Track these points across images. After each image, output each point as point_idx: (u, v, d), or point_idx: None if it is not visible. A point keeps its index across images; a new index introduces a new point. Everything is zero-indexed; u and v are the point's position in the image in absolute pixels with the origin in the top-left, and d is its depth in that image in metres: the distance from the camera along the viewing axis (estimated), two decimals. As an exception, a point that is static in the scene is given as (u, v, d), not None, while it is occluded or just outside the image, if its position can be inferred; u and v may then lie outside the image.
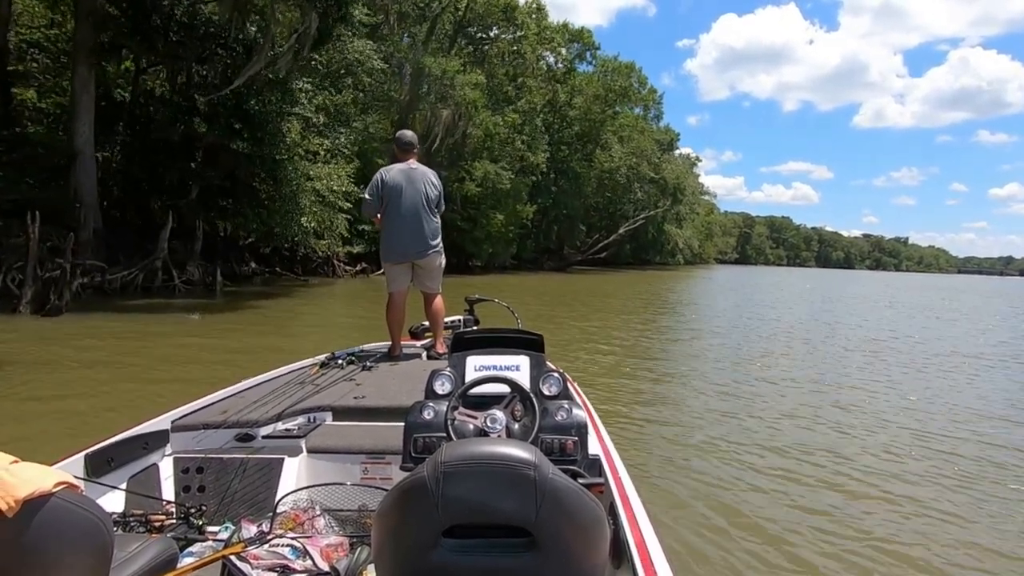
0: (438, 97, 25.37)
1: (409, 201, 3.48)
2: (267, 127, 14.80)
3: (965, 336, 12.86)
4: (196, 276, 14.03)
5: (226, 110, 13.69)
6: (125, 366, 6.20)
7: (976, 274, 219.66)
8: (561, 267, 38.73)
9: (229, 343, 7.80)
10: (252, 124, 14.19)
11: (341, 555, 1.53)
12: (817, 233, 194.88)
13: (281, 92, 14.68)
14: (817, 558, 2.85)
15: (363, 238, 22.47)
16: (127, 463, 1.98)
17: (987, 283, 74.99)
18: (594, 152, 40.63)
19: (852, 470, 4.06)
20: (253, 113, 13.81)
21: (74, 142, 12.42)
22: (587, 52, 38.68)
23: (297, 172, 15.71)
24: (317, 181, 16.53)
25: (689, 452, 4.26)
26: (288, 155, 15.52)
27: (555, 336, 8.87)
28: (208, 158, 14.98)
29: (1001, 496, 3.73)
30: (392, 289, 3.64)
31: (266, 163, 14.88)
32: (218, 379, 3.34)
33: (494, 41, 30.19)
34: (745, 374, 7.31)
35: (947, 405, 6.09)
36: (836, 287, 37.57)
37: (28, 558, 0.85)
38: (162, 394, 4.86)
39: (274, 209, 15.56)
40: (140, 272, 12.33)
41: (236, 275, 16.55)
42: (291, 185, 15.61)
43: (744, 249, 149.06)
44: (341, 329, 9.65)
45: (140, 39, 12.85)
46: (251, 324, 9.42)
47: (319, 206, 16.61)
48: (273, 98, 14.53)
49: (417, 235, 3.51)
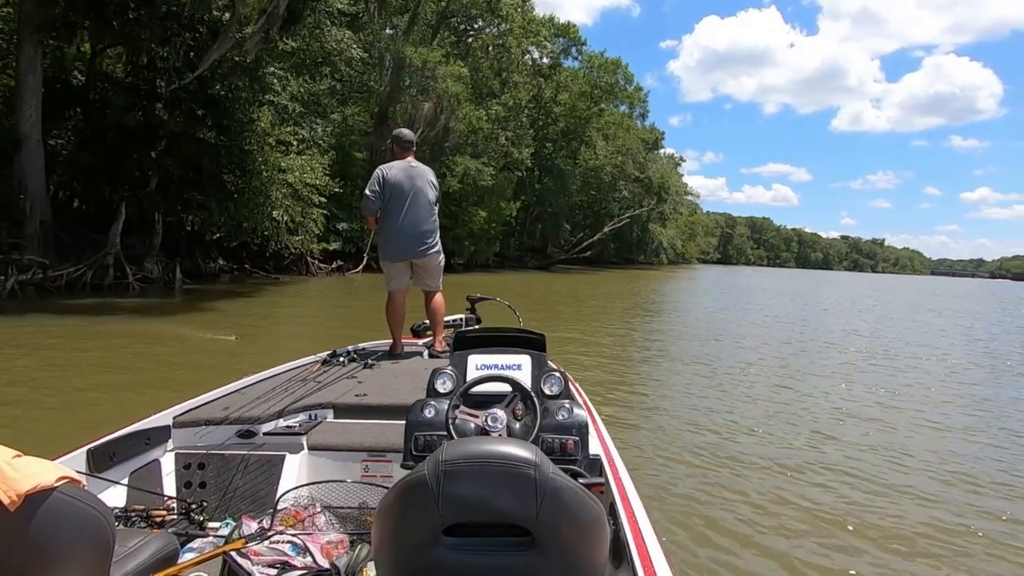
0: (420, 89, 24.54)
1: (410, 200, 3.45)
2: (234, 115, 13.90)
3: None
4: (155, 273, 13.07)
5: (189, 95, 12.75)
6: (42, 383, 5.36)
7: (949, 275, 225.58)
8: (545, 266, 38.22)
9: (170, 355, 6.71)
10: (218, 111, 13.27)
11: (341, 552, 1.54)
12: (797, 234, 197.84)
13: (250, 78, 13.78)
14: (817, 557, 2.83)
15: (340, 235, 21.57)
16: (129, 458, 1.97)
17: (985, 286, 76.76)
18: (579, 150, 40.13)
19: (850, 468, 4.06)
20: (219, 99, 12.90)
21: (19, 127, 11.43)
22: (573, 47, 38.11)
23: (268, 163, 14.82)
24: (289, 173, 15.65)
25: (689, 453, 4.23)
26: (258, 145, 14.62)
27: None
28: (171, 147, 14.01)
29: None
30: (392, 288, 3.62)
31: (233, 153, 13.97)
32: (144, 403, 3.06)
33: (478, 33, 29.38)
34: (744, 376, 7.17)
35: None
36: (823, 290, 37.52)
37: (30, 552, 0.85)
38: (70, 422, 4.08)
39: (242, 202, 14.65)
40: (89, 269, 11.33)
41: (201, 272, 15.60)
42: (261, 177, 14.73)
43: (726, 249, 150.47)
44: (308, 337, 8.65)
45: (93, 16, 11.84)
46: (206, 327, 8.57)
47: (292, 200, 15.74)
48: (241, 84, 13.61)
49: (417, 234, 3.48)
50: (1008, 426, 5.48)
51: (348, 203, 23.23)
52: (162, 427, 2.13)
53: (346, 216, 22.04)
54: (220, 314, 9.94)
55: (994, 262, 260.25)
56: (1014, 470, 4.24)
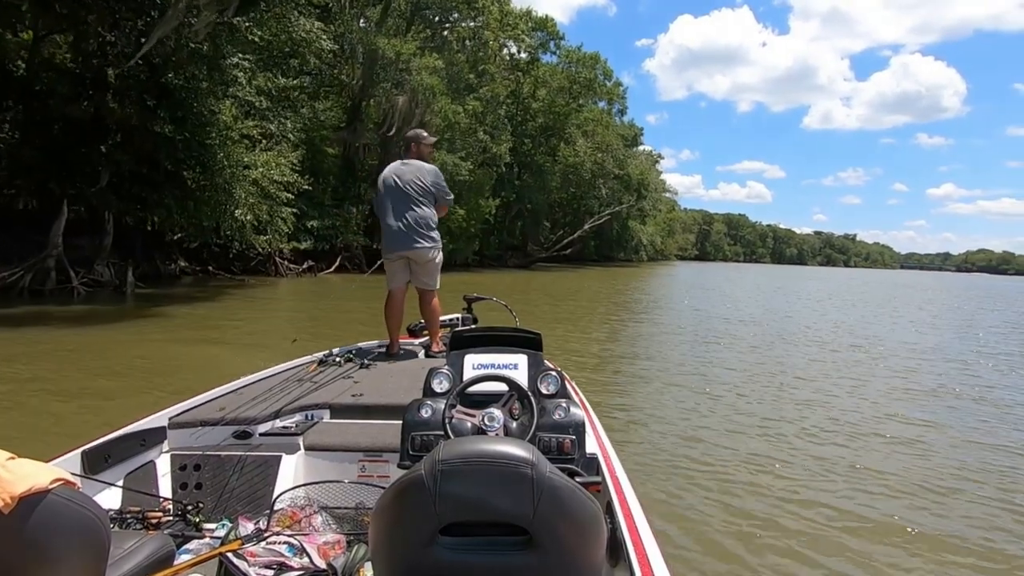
0: (394, 83, 23.70)
1: (398, 194, 3.49)
2: (191, 107, 12.96)
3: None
4: (106, 276, 12.10)
5: (139, 84, 11.80)
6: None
7: (918, 269, 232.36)
8: (525, 264, 37.67)
9: (97, 381, 5.61)
10: (173, 102, 12.33)
11: (338, 553, 1.53)
12: (772, 230, 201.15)
13: (208, 67, 12.87)
14: (816, 555, 2.83)
15: (311, 233, 20.66)
16: (124, 460, 1.95)
17: (971, 280, 78.76)
18: (558, 146, 39.63)
19: (851, 468, 4.02)
20: (172, 89, 11.97)
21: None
22: (551, 41, 37.50)
23: (231, 159, 13.92)
24: (254, 170, 14.75)
25: (686, 451, 4.22)
26: (220, 140, 13.71)
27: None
28: (123, 141, 13.03)
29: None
30: (391, 286, 3.64)
31: (192, 148, 13.03)
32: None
33: (454, 26, 28.60)
34: (744, 376, 7.02)
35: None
36: (806, 286, 37.72)
37: (25, 554, 0.85)
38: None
39: (203, 200, 13.73)
40: (26, 272, 10.34)
41: (160, 275, 14.63)
42: (223, 174, 13.82)
43: (703, 246, 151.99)
44: (268, 349, 7.67)
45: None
46: (155, 337, 7.77)
47: (257, 197, 14.85)
48: (199, 73, 12.70)
49: (406, 228, 3.48)
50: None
51: (320, 201, 22.33)
52: (158, 428, 2.11)
53: (318, 214, 21.14)
54: (170, 320, 9.11)
55: (960, 255, 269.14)
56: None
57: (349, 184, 25.20)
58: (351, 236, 22.50)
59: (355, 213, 24.03)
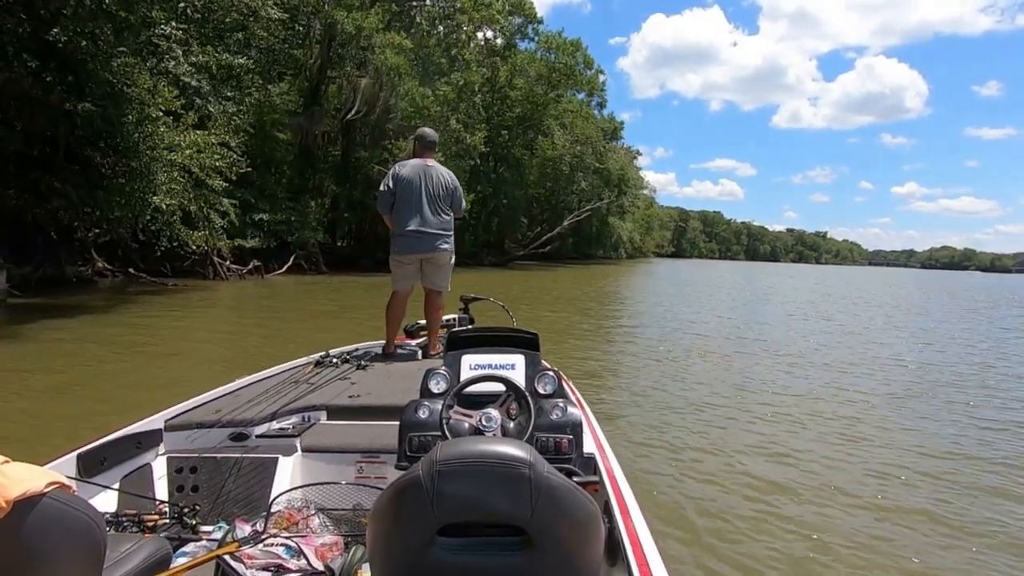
0: (355, 63, 21.42)
1: (421, 196, 3.45)
2: (96, 74, 10.60)
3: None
4: (-22, 281, 9.69)
5: (18, 41, 9.42)
6: None
7: (884, 266, 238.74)
8: (502, 262, 35.68)
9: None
10: (64, 66, 9.97)
11: (336, 554, 1.53)
12: (746, 227, 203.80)
13: (115, 27, 10.52)
14: (815, 554, 2.76)
15: (259, 228, 18.29)
16: (120, 463, 1.94)
17: (943, 277, 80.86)
18: (536, 139, 37.72)
19: (848, 467, 3.92)
20: (62, 48, 9.60)
21: None
22: (528, 26, 35.47)
23: (151, 137, 11.59)
24: (180, 152, 12.42)
25: (685, 451, 4.09)
26: (135, 116, 11.37)
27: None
28: (10, 115, 10.62)
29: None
30: (397, 287, 3.61)
31: (96, 123, 10.68)
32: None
33: (423, 3, 26.35)
34: (741, 376, 6.88)
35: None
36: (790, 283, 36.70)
37: (20, 559, 0.84)
38: None
39: (114, 187, 11.37)
40: None
41: (64, 278, 12.19)
42: (140, 157, 11.49)
43: (680, 243, 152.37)
44: (175, 387, 5.84)
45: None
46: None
47: (185, 185, 12.53)
48: (101, 33, 10.32)
49: (428, 231, 3.46)
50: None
51: (272, 192, 19.94)
52: (154, 431, 2.09)
53: (268, 207, 18.76)
54: (36, 345, 6.85)
55: (924, 252, 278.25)
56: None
57: (307, 175, 22.81)
58: (308, 233, 20.16)
59: (314, 207, 21.66)
